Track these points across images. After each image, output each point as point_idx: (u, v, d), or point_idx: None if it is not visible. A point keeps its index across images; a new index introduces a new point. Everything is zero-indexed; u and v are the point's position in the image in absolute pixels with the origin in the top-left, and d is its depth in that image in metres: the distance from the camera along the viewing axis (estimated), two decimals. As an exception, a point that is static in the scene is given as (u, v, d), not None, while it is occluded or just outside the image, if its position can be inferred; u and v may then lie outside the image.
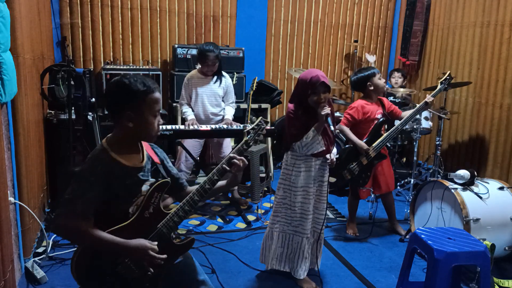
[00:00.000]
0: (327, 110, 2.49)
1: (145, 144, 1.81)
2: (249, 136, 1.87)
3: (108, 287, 1.66)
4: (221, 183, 1.84)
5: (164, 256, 1.67)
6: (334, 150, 2.71)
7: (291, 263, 2.74)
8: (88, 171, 1.60)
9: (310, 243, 2.73)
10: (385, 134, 3.30)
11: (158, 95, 1.71)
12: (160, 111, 1.74)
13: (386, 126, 3.48)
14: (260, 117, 1.92)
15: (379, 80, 3.36)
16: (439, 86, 3.49)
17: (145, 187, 1.73)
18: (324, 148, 2.58)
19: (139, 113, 1.66)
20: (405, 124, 3.41)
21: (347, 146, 3.37)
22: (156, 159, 1.83)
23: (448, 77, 3.52)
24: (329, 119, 2.51)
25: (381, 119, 3.31)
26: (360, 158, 3.28)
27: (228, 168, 1.77)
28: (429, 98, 3.35)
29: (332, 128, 2.51)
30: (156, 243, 1.66)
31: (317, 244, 2.77)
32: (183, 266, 1.89)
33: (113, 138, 1.71)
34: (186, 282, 1.89)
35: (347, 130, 3.32)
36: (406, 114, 3.41)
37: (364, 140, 3.28)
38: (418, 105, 3.40)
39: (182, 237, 1.83)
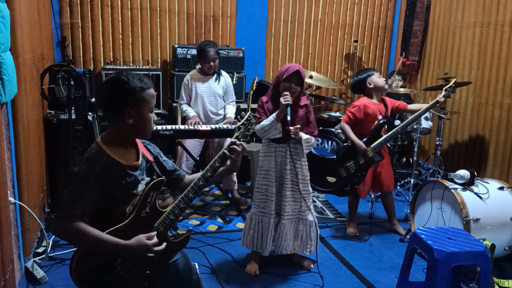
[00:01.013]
0: (288, 100, 2.60)
1: (138, 143, 1.81)
2: (239, 131, 1.88)
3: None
4: (221, 169, 1.85)
5: (163, 246, 1.67)
6: (305, 136, 2.76)
7: (261, 243, 2.86)
8: (86, 172, 1.58)
9: (275, 222, 2.86)
10: (384, 136, 3.30)
11: (153, 91, 1.73)
12: (160, 111, 1.75)
13: (386, 127, 3.48)
14: (249, 112, 1.93)
15: (378, 79, 3.37)
16: (443, 93, 3.49)
17: (141, 187, 1.72)
18: (281, 136, 2.68)
19: (138, 109, 1.67)
20: (406, 128, 3.42)
21: (345, 144, 3.38)
22: (150, 157, 1.82)
23: (453, 85, 3.53)
24: (289, 109, 2.67)
25: (381, 121, 3.32)
26: (357, 157, 3.29)
27: (228, 154, 1.79)
28: (441, 97, 3.38)
29: (288, 118, 2.67)
30: (155, 233, 1.66)
31: (300, 227, 2.88)
32: (179, 265, 1.89)
33: (109, 136, 1.70)
34: (181, 281, 1.89)
35: (347, 128, 3.33)
36: (412, 107, 3.42)
37: (364, 140, 3.28)
38: (415, 114, 3.41)
39: (174, 232, 1.82)
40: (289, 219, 2.86)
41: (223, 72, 3.87)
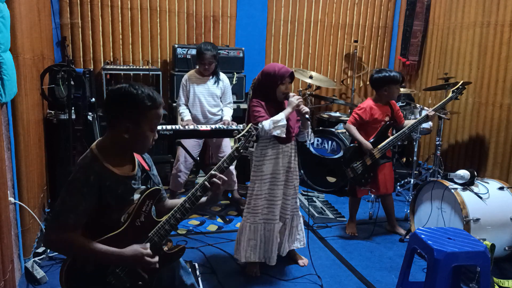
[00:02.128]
0: (299, 98, 2.63)
1: None
2: (240, 143, 1.85)
3: None
4: (202, 199, 1.78)
5: (156, 259, 1.63)
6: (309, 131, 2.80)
7: (266, 252, 2.83)
8: (80, 181, 1.53)
9: (279, 227, 2.84)
10: (391, 137, 3.31)
11: (161, 111, 1.65)
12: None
13: (394, 131, 3.48)
14: (250, 124, 1.91)
15: (396, 90, 3.37)
16: (450, 95, 3.49)
17: (136, 196, 1.68)
18: (284, 136, 2.62)
19: (137, 126, 1.60)
20: (413, 130, 3.43)
21: (352, 144, 3.38)
22: (146, 166, 1.78)
23: (460, 87, 3.52)
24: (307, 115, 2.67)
25: (388, 122, 3.33)
26: (364, 158, 3.29)
27: (209, 186, 1.72)
28: (430, 111, 3.39)
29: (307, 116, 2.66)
30: (148, 245, 1.63)
31: (281, 230, 2.87)
32: (172, 271, 1.86)
33: (104, 143, 1.65)
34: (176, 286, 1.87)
35: (353, 129, 3.34)
36: (407, 123, 3.43)
37: (370, 141, 3.29)
38: (419, 117, 3.43)
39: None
40: (289, 218, 2.88)
41: (221, 74, 3.86)
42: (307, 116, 2.67)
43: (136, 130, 1.60)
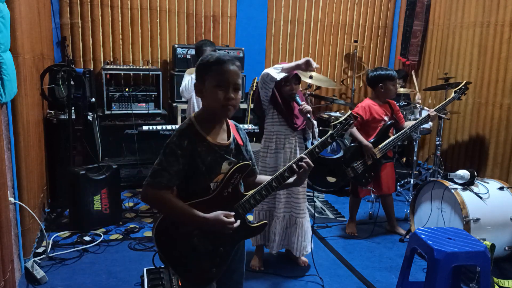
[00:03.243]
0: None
1: (231, 124, 1.82)
2: (335, 130, 1.89)
3: (182, 256, 1.72)
4: (289, 180, 1.83)
5: (238, 223, 1.69)
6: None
7: (266, 237, 2.94)
8: (175, 144, 1.64)
9: (281, 226, 2.88)
10: (392, 137, 3.31)
11: (228, 67, 1.65)
12: (160, 111, 1.72)
13: (394, 130, 3.48)
14: (350, 112, 1.95)
15: (392, 86, 3.38)
16: (452, 95, 3.49)
17: (225, 166, 1.74)
18: (277, 78, 2.63)
19: (203, 84, 1.67)
20: (414, 130, 3.43)
21: (352, 144, 3.38)
22: (240, 141, 1.83)
23: (463, 87, 3.52)
24: (297, 97, 2.73)
25: (389, 122, 3.33)
26: (365, 158, 3.29)
27: (296, 169, 1.78)
28: (432, 111, 3.39)
29: (300, 102, 2.72)
30: (233, 213, 1.69)
31: (292, 229, 2.89)
32: (240, 256, 1.92)
33: (200, 113, 1.74)
34: (238, 272, 1.93)
35: (354, 129, 3.34)
36: (408, 124, 3.43)
37: (371, 141, 3.29)
38: (420, 118, 3.43)
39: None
40: (300, 218, 2.91)
41: None
42: (308, 115, 2.68)
43: (203, 88, 1.67)
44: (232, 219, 1.67)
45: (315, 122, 2.69)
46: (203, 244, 1.72)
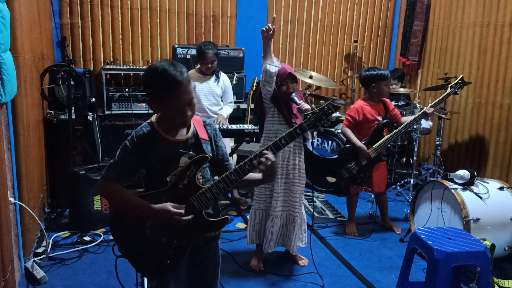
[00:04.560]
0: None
1: (197, 120, 1.82)
2: (305, 120, 1.80)
3: (136, 247, 1.75)
4: (257, 176, 1.80)
5: (189, 217, 1.69)
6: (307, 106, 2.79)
7: (262, 236, 2.94)
8: (129, 140, 1.72)
9: (278, 225, 2.88)
10: (386, 136, 3.31)
11: (179, 89, 1.64)
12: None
13: (387, 129, 3.49)
14: (329, 101, 1.81)
15: (385, 87, 3.38)
16: (448, 90, 3.49)
17: (184, 160, 1.75)
18: (273, 70, 2.64)
19: (158, 102, 1.70)
20: (408, 128, 3.43)
21: (347, 145, 3.39)
22: (203, 135, 1.82)
23: (460, 81, 3.52)
24: (295, 96, 2.72)
25: (383, 121, 3.33)
26: (359, 158, 3.30)
27: (256, 163, 1.72)
28: (429, 108, 3.39)
29: (297, 101, 2.72)
30: (183, 206, 1.70)
31: (290, 227, 2.91)
32: (213, 258, 1.91)
33: (160, 114, 1.78)
34: (210, 274, 1.92)
35: (348, 131, 3.36)
36: (405, 119, 3.43)
37: (365, 141, 3.29)
38: (417, 114, 3.43)
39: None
40: (298, 215, 2.93)
41: (222, 74, 3.86)
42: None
43: (159, 108, 1.72)
44: (181, 211, 1.68)
45: None
46: (156, 235, 1.74)
